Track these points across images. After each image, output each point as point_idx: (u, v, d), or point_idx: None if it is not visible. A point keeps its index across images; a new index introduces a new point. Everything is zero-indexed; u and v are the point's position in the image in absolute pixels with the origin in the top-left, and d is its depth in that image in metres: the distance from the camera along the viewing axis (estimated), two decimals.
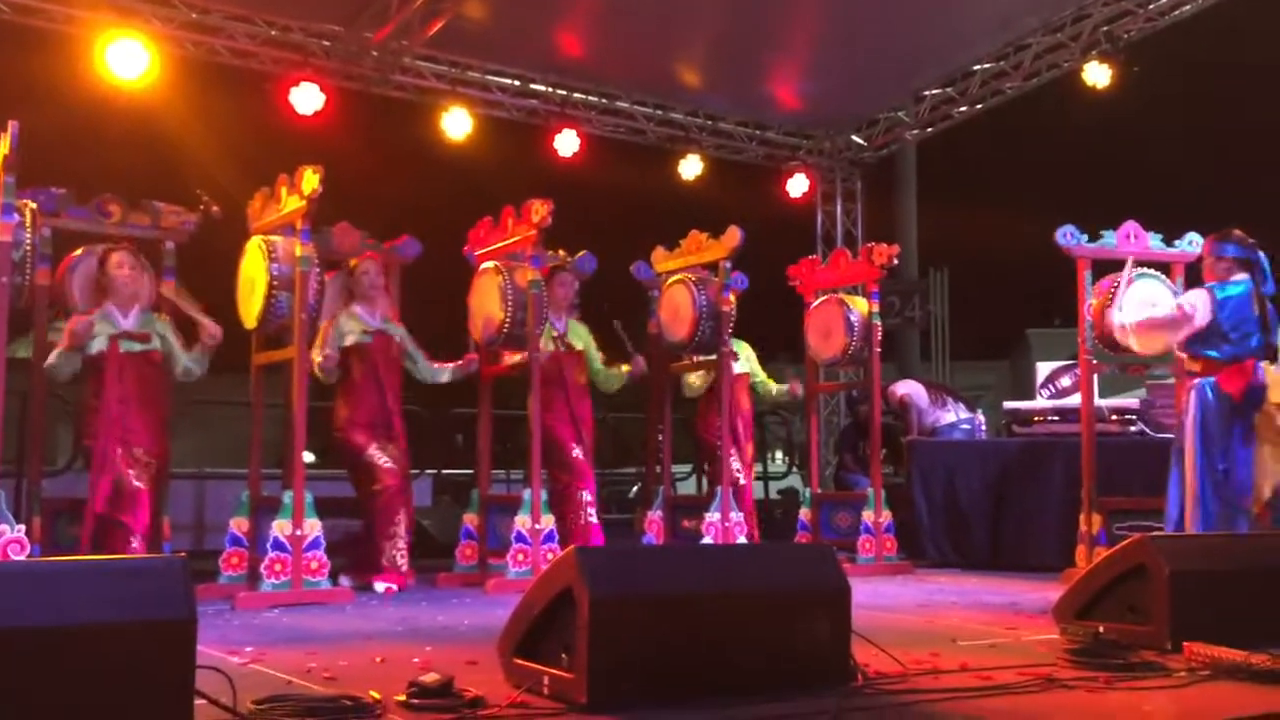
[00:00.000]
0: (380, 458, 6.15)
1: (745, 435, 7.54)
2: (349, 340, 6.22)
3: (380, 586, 5.99)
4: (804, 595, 3.22)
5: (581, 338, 6.91)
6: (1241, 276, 5.35)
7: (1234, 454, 5.25)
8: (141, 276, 5.83)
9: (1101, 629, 3.79)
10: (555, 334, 6.73)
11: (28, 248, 5.28)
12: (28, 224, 5.30)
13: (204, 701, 2.61)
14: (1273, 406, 5.28)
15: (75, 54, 8.22)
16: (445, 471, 10.21)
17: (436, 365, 6.54)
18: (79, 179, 5.65)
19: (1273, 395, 5.28)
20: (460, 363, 6.57)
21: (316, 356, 6.00)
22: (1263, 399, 5.26)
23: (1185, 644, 3.51)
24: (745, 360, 7.72)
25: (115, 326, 5.67)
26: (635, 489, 11.12)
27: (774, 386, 7.83)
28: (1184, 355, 5.57)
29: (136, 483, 5.51)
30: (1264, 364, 5.32)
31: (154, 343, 5.77)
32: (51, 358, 5.59)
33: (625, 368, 6.98)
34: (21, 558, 4.81)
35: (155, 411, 5.77)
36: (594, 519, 6.56)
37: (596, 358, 6.97)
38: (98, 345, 5.62)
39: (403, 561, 6.10)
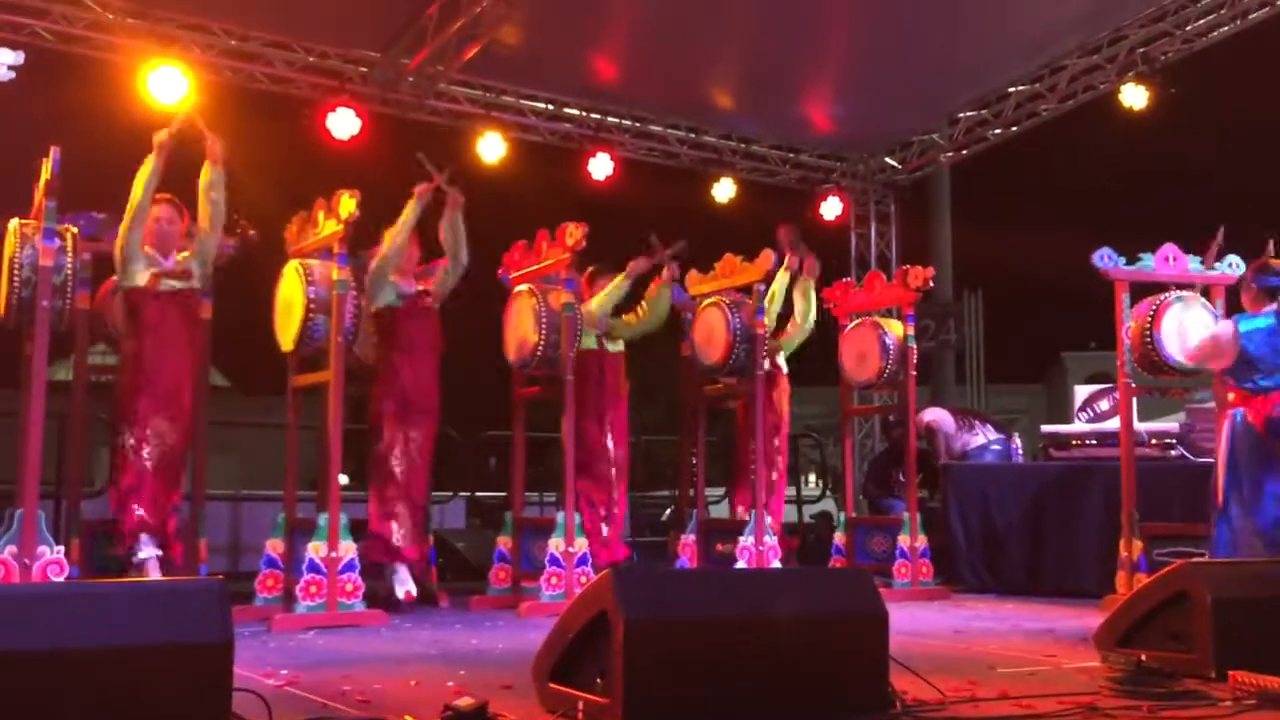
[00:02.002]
0: (394, 455, 6.10)
1: (781, 443, 7.42)
2: (381, 302, 6.20)
3: (400, 591, 5.99)
4: (841, 620, 3.19)
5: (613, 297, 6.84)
6: (1271, 308, 5.31)
7: (1262, 485, 5.18)
8: (179, 224, 5.88)
9: (1144, 657, 3.72)
10: (600, 333, 6.75)
11: (68, 272, 5.35)
12: (69, 248, 5.38)
13: None
14: None
15: (116, 81, 8.35)
16: (479, 494, 10.22)
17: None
18: (119, 204, 5.71)
19: None
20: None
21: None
22: None
23: (1231, 672, 3.45)
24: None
25: (157, 265, 5.72)
26: (668, 512, 11.09)
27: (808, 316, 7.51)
28: (1225, 382, 5.53)
29: (145, 457, 5.53)
30: None
31: (194, 281, 5.81)
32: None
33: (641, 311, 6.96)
34: (60, 579, 4.85)
35: (191, 354, 5.80)
36: (612, 532, 6.54)
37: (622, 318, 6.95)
38: (139, 279, 5.65)
39: (400, 540, 6.05)
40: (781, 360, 7.36)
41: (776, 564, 6.59)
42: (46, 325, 5.04)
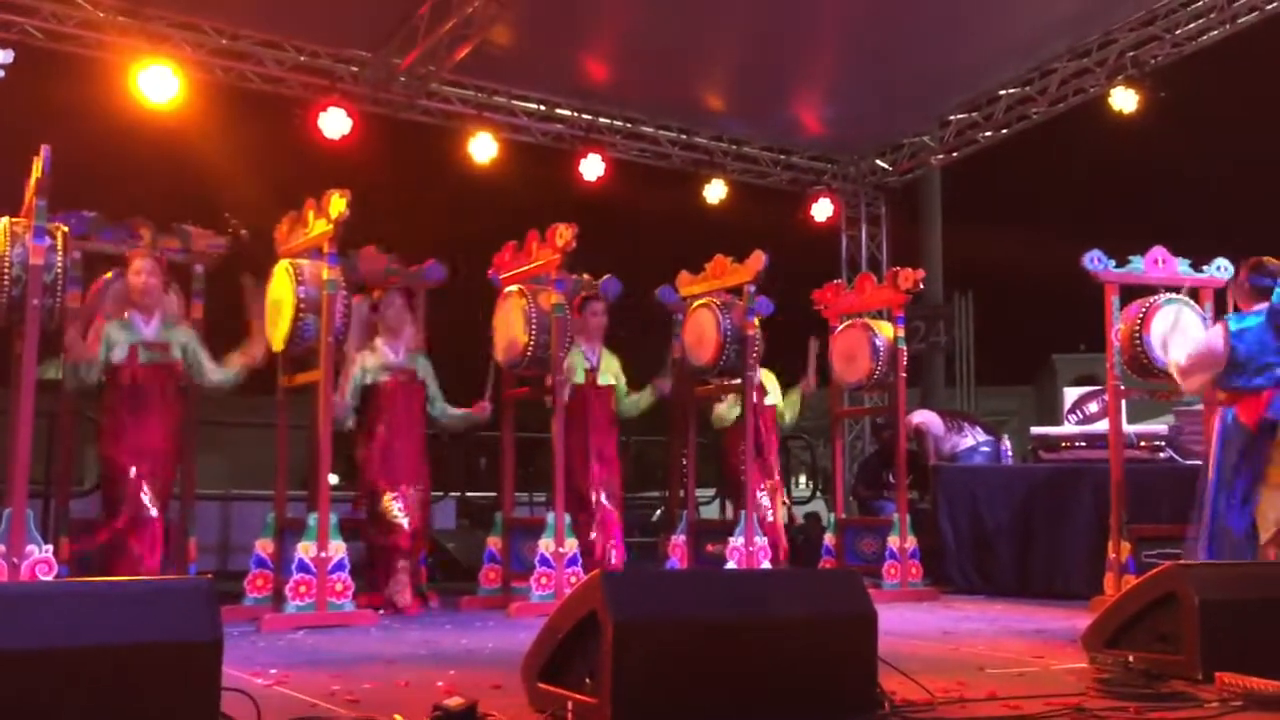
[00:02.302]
0: (395, 509, 6.16)
1: (773, 467, 7.51)
2: (369, 379, 6.29)
3: (400, 602, 6.04)
4: (831, 621, 3.19)
5: (612, 371, 6.92)
6: (1262, 306, 5.30)
7: (1247, 486, 5.18)
8: (162, 284, 5.86)
9: (1131, 658, 3.73)
10: (588, 366, 6.74)
11: (59, 270, 5.33)
12: (59, 247, 5.36)
13: None
14: None
15: (107, 79, 8.34)
16: (469, 495, 10.22)
17: (452, 410, 6.59)
18: (110, 202, 5.71)
19: None
20: (472, 409, 6.60)
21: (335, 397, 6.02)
22: (1277, 432, 5.17)
23: (1217, 674, 3.46)
24: (773, 393, 7.71)
25: (137, 335, 5.71)
26: (658, 513, 11.10)
27: (789, 413, 7.86)
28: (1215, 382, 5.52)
29: (151, 510, 5.53)
30: None
31: (174, 353, 5.80)
32: (77, 371, 5.64)
33: (649, 392, 7.01)
34: (49, 578, 4.84)
35: (170, 423, 5.77)
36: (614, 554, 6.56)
37: (623, 387, 6.99)
38: (118, 354, 5.66)
39: (400, 598, 6.08)
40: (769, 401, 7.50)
41: (766, 564, 6.61)
42: (37, 324, 5.03)
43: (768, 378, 7.65)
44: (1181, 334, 5.97)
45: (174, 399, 5.82)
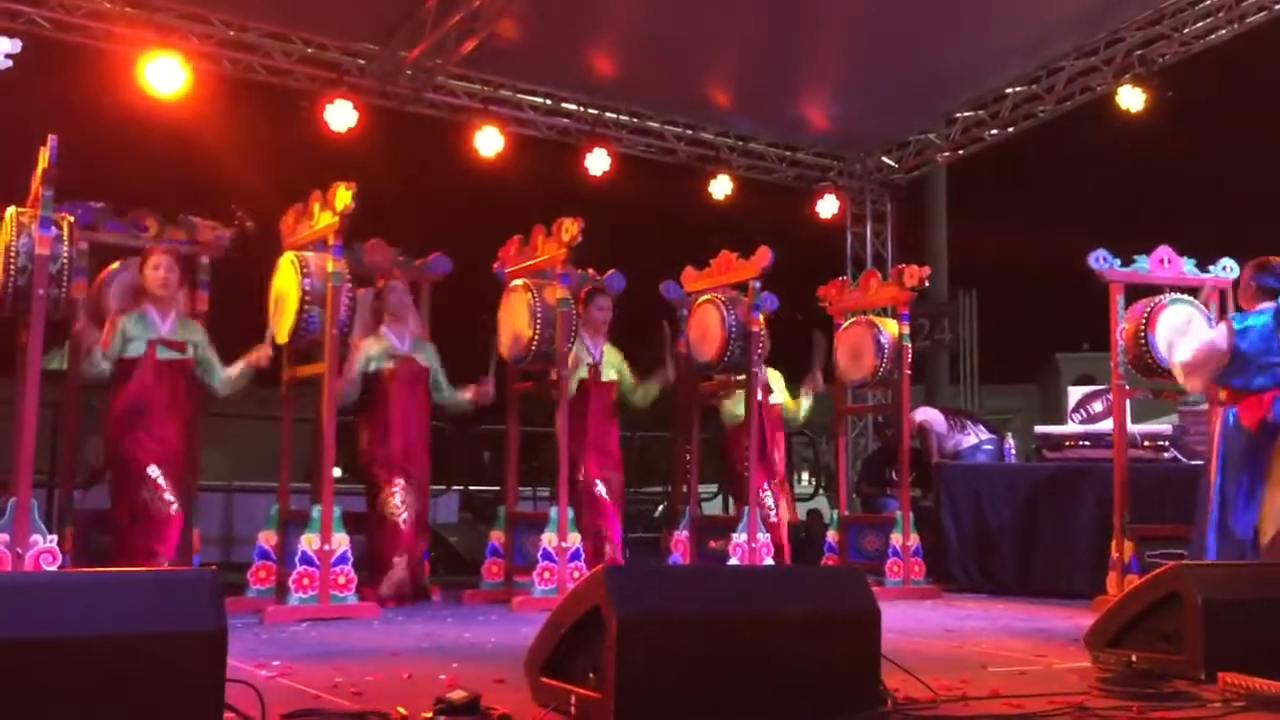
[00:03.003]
0: (394, 501, 6.14)
1: (778, 466, 7.50)
2: (373, 366, 6.26)
3: (386, 589, 6.01)
4: (835, 618, 3.19)
5: (614, 365, 6.92)
6: (1268, 305, 5.29)
7: (1249, 487, 5.17)
8: (178, 281, 5.87)
9: (1134, 658, 3.74)
10: (591, 361, 6.74)
11: (65, 261, 5.33)
12: (65, 237, 5.36)
13: (233, 715, 2.61)
14: None
15: (114, 70, 8.34)
16: (472, 488, 10.22)
17: (459, 393, 6.57)
18: (116, 193, 5.71)
19: None
20: (476, 387, 6.57)
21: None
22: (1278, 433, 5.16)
23: (1220, 674, 3.46)
24: (778, 391, 7.70)
25: (154, 331, 5.72)
26: (661, 508, 11.09)
27: (800, 411, 7.86)
28: (1218, 382, 5.51)
29: (170, 501, 5.54)
30: None
31: (190, 351, 5.82)
32: (85, 362, 5.64)
33: (656, 381, 6.99)
34: (53, 568, 4.84)
35: (185, 420, 5.79)
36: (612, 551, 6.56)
37: (629, 380, 6.98)
38: (135, 350, 5.67)
39: (387, 591, 6.05)
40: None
41: (769, 561, 6.61)
42: (43, 314, 5.03)
43: (774, 376, 7.65)
44: (1186, 334, 5.96)
45: (189, 396, 5.84)
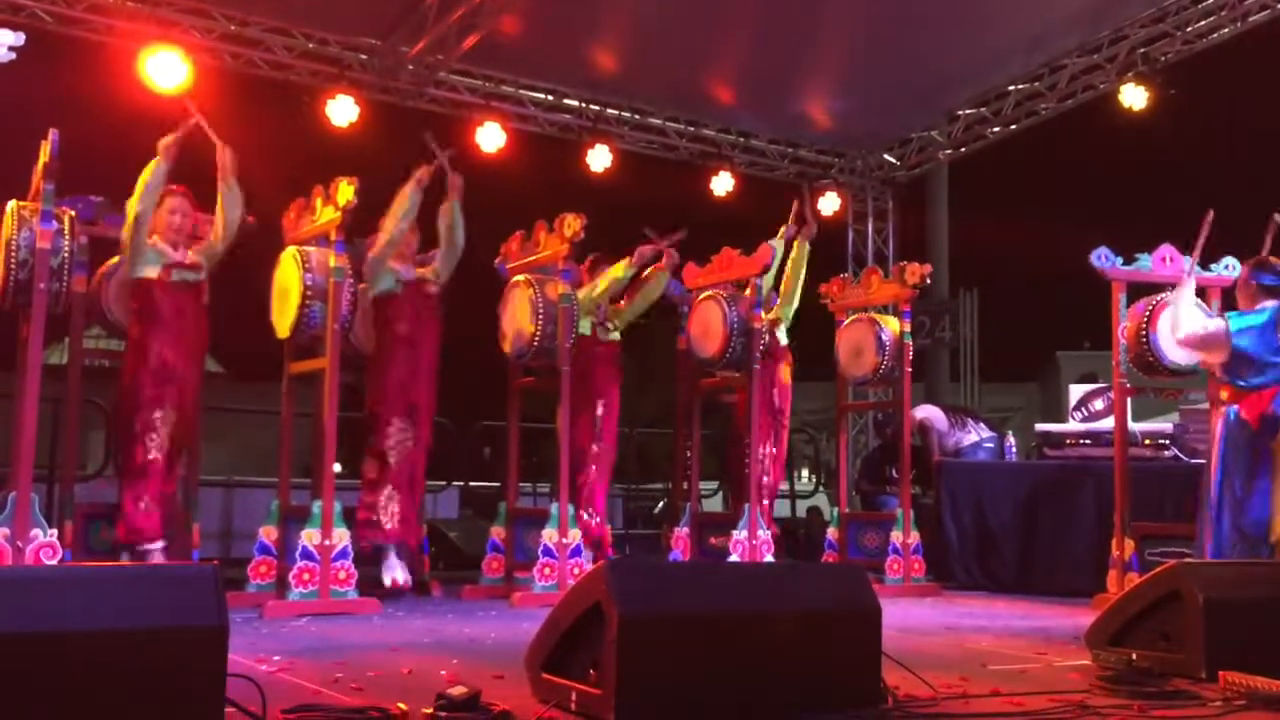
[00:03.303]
0: (389, 442, 6.06)
1: (783, 433, 7.39)
2: (381, 288, 6.15)
3: (387, 578, 5.98)
4: (835, 616, 3.19)
5: (608, 276, 6.73)
6: (1268, 304, 5.28)
7: (1253, 484, 5.17)
8: (191, 216, 5.90)
9: (1135, 656, 3.73)
10: (596, 320, 6.73)
11: (65, 255, 5.35)
12: (66, 231, 5.37)
13: (234, 710, 2.61)
14: None
15: (115, 64, 8.33)
16: (473, 484, 10.22)
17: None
18: (117, 187, 5.70)
19: None
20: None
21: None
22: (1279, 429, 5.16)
23: (1221, 673, 3.46)
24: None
25: (168, 259, 5.73)
26: (661, 505, 11.10)
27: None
28: (1219, 381, 5.51)
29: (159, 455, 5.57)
30: None
31: (203, 274, 5.84)
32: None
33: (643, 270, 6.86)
34: (53, 563, 4.85)
35: (197, 344, 5.85)
36: (595, 521, 6.54)
37: (623, 273, 6.78)
38: (150, 270, 5.66)
39: (389, 522, 6.01)
40: (782, 334, 7.32)
41: (769, 558, 6.60)
42: (43, 308, 5.04)
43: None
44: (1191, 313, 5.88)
45: (199, 321, 5.85)
